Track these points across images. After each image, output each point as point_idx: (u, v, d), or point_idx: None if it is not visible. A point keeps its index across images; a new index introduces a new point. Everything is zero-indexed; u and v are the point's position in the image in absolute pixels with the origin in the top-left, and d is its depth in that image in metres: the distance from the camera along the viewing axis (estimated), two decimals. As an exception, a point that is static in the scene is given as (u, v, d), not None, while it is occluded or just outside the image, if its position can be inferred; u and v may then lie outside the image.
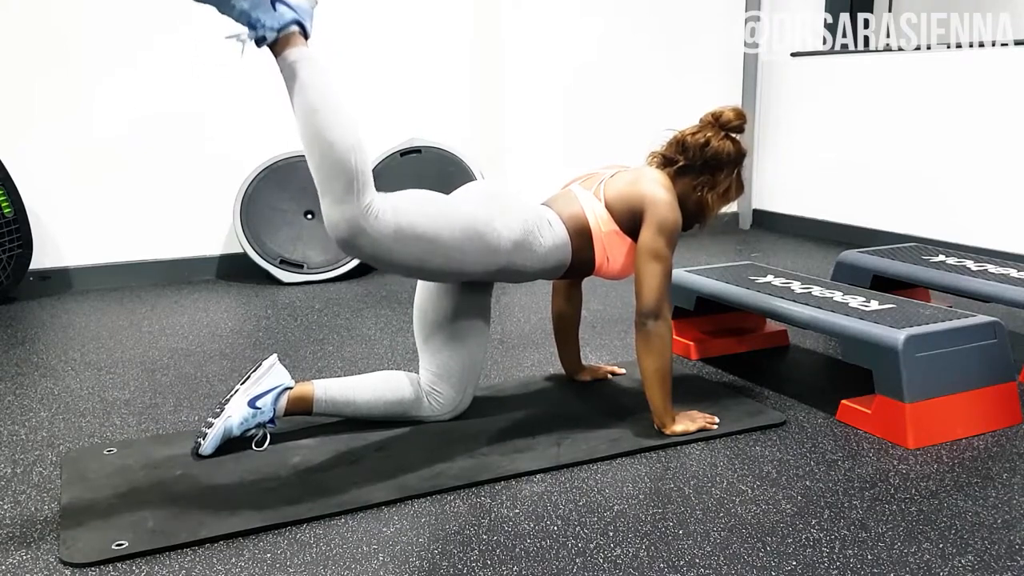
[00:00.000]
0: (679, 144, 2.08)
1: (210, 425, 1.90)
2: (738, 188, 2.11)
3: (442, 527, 1.63)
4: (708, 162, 2.05)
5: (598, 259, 2.03)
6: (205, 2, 1.63)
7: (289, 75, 1.71)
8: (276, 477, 1.81)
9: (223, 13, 1.66)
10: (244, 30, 1.67)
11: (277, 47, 1.69)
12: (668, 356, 1.97)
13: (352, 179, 1.71)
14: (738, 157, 2.08)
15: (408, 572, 1.49)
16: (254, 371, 1.96)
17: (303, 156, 1.85)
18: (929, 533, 1.60)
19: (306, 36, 1.73)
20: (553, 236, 1.97)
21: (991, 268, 2.67)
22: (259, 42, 1.68)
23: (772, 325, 2.76)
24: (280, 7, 1.66)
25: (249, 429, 1.93)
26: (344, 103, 1.72)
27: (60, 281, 3.59)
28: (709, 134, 2.05)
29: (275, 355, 2.01)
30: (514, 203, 1.95)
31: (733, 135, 2.08)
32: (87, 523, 1.63)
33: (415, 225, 1.79)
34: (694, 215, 2.09)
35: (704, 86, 4.79)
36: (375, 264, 1.85)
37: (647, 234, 1.96)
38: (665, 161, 2.10)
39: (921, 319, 2.10)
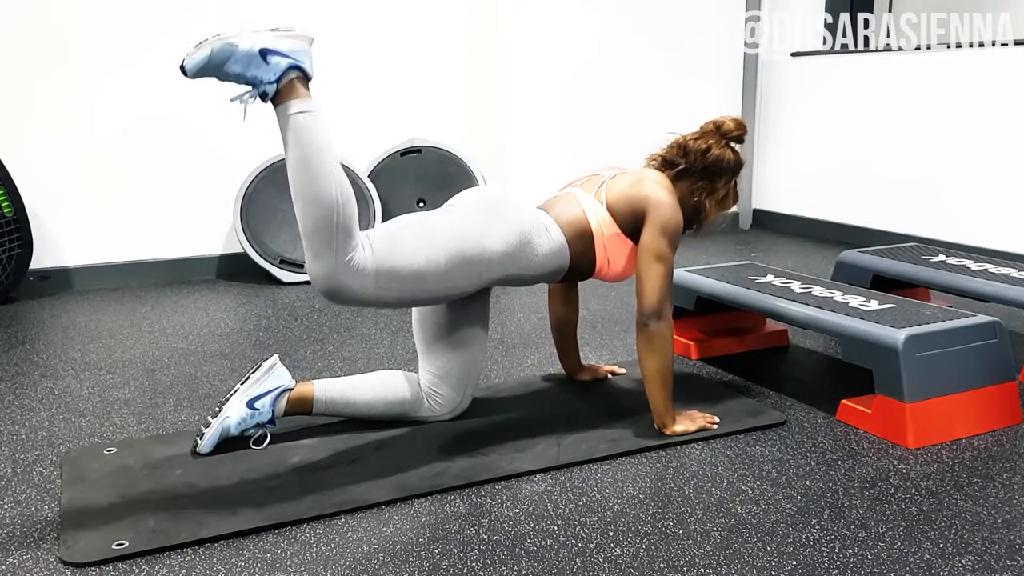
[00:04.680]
0: (680, 148, 2.08)
1: (208, 425, 1.91)
2: (734, 197, 2.12)
3: (442, 527, 1.63)
4: (708, 168, 2.06)
5: (599, 262, 2.03)
6: (200, 76, 1.63)
7: (285, 127, 1.69)
8: (276, 477, 1.81)
9: (222, 80, 1.65)
10: (245, 89, 1.67)
11: (277, 98, 1.68)
12: (670, 356, 1.97)
13: (332, 237, 1.70)
14: (737, 166, 2.09)
15: (408, 572, 1.49)
16: (254, 372, 1.96)
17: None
18: (929, 533, 1.60)
19: (308, 78, 1.71)
20: (550, 242, 1.97)
21: (991, 268, 2.67)
22: (263, 98, 1.67)
23: (772, 325, 2.76)
24: (272, 58, 1.64)
25: (247, 429, 1.94)
26: (334, 161, 1.71)
27: (60, 281, 3.59)
28: (711, 141, 2.06)
29: (276, 355, 2.01)
30: (511, 211, 1.94)
31: (733, 144, 2.09)
32: (87, 523, 1.63)
33: (397, 270, 1.78)
34: (690, 219, 2.10)
35: (704, 86, 4.79)
36: (365, 307, 1.84)
37: (649, 235, 1.96)
38: (665, 163, 2.11)
39: (921, 319, 2.10)
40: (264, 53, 1.64)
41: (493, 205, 1.94)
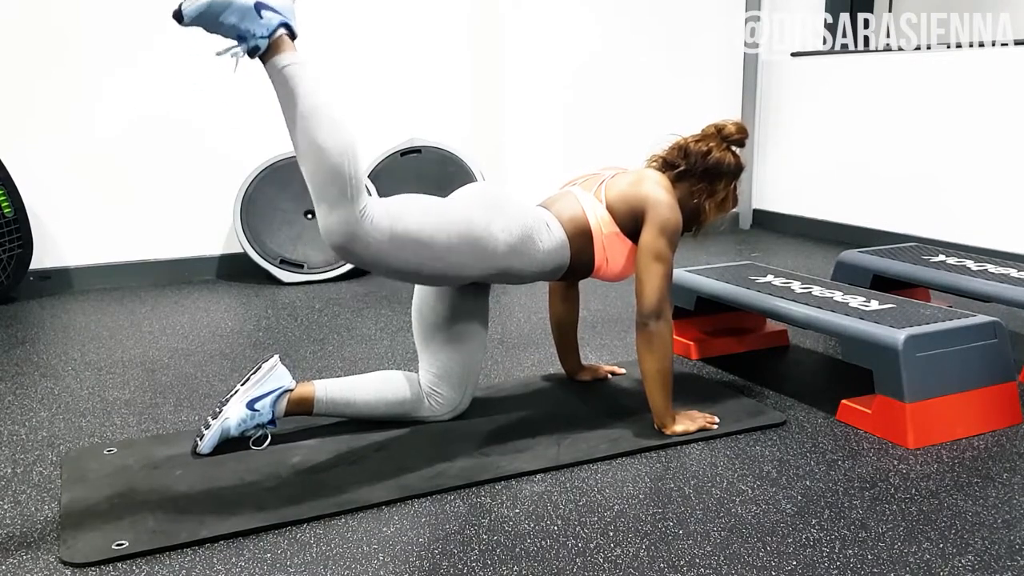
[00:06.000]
0: (681, 150, 2.09)
1: (208, 425, 1.91)
2: (734, 200, 2.13)
3: (442, 527, 1.63)
4: (708, 170, 2.06)
5: (598, 261, 2.03)
6: (193, 24, 1.62)
7: (279, 82, 1.69)
8: (276, 477, 1.81)
9: (212, 32, 1.65)
10: (233, 43, 1.66)
11: (267, 54, 1.67)
12: (669, 357, 1.97)
13: (345, 184, 1.69)
14: (737, 170, 2.09)
15: (408, 572, 1.49)
16: (254, 372, 1.96)
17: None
18: (929, 533, 1.60)
19: (293, 36, 1.71)
20: (551, 239, 1.97)
21: (991, 268, 2.67)
22: (252, 53, 1.67)
23: (772, 325, 2.76)
24: (265, 13, 1.64)
25: (247, 430, 1.94)
26: (335, 108, 1.70)
27: (60, 281, 3.59)
28: (712, 143, 2.07)
29: (276, 356, 2.01)
30: (512, 206, 1.95)
31: (734, 148, 2.09)
32: (87, 523, 1.63)
33: (410, 230, 1.78)
34: (689, 221, 2.10)
35: (704, 86, 4.79)
36: (372, 269, 1.84)
37: (648, 235, 1.96)
38: (665, 164, 2.11)
39: (921, 319, 2.10)
40: (258, 7, 1.64)
41: (495, 200, 1.94)
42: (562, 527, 1.63)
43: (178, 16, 1.61)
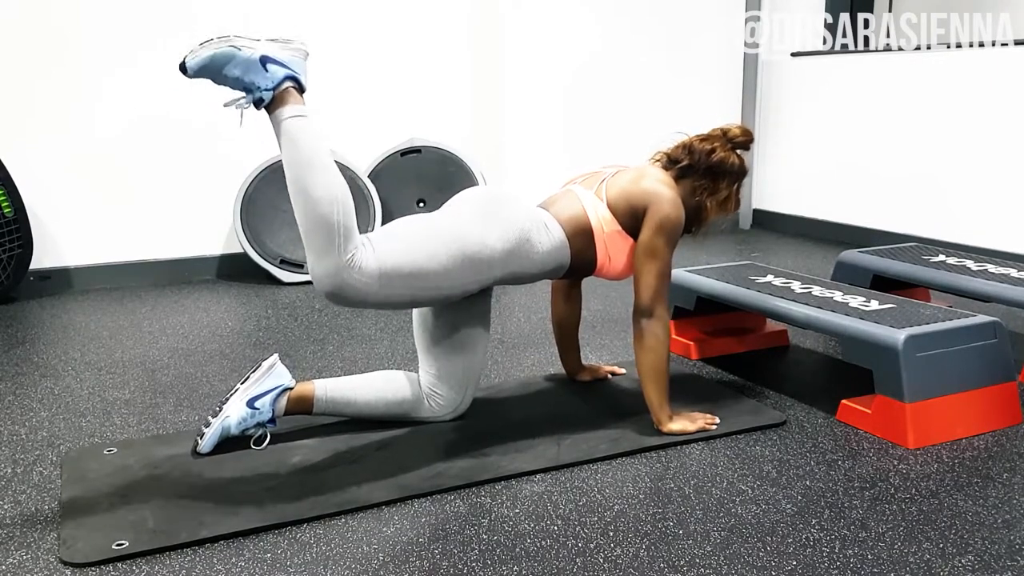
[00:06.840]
0: (686, 147, 2.10)
1: (209, 424, 1.91)
2: (736, 202, 2.13)
3: (442, 527, 1.63)
4: (711, 168, 2.07)
5: (599, 259, 2.03)
6: (199, 76, 1.67)
7: (280, 132, 1.73)
8: (276, 477, 1.81)
9: (219, 84, 1.70)
10: (240, 95, 1.71)
11: (272, 106, 1.72)
12: (663, 354, 1.98)
13: (333, 234, 1.71)
14: (740, 171, 2.10)
15: (408, 572, 1.49)
16: (254, 371, 1.96)
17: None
18: (929, 533, 1.60)
19: (302, 90, 1.74)
20: (550, 239, 1.97)
21: (991, 268, 2.67)
22: (257, 104, 1.71)
23: (772, 325, 2.76)
24: (271, 67, 1.69)
25: (247, 429, 1.94)
26: (330, 161, 1.75)
27: (60, 281, 3.59)
28: (716, 144, 2.08)
29: (276, 355, 2.01)
30: (509, 210, 1.94)
31: (738, 151, 2.09)
32: (87, 523, 1.63)
33: (399, 267, 1.78)
34: (690, 220, 2.10)
35: (704, 86, 4.79)
36: (368, 308, 1.86)
37: (647, 232, 1.96)
38: (669, 161, 2.12)
39: (921, 319, 2.10)
40: (264, 61, 1.69)
41: (492, 205, 1.94)
42: (562, 527, 1.63)
43: (183, 68, 1.66)
